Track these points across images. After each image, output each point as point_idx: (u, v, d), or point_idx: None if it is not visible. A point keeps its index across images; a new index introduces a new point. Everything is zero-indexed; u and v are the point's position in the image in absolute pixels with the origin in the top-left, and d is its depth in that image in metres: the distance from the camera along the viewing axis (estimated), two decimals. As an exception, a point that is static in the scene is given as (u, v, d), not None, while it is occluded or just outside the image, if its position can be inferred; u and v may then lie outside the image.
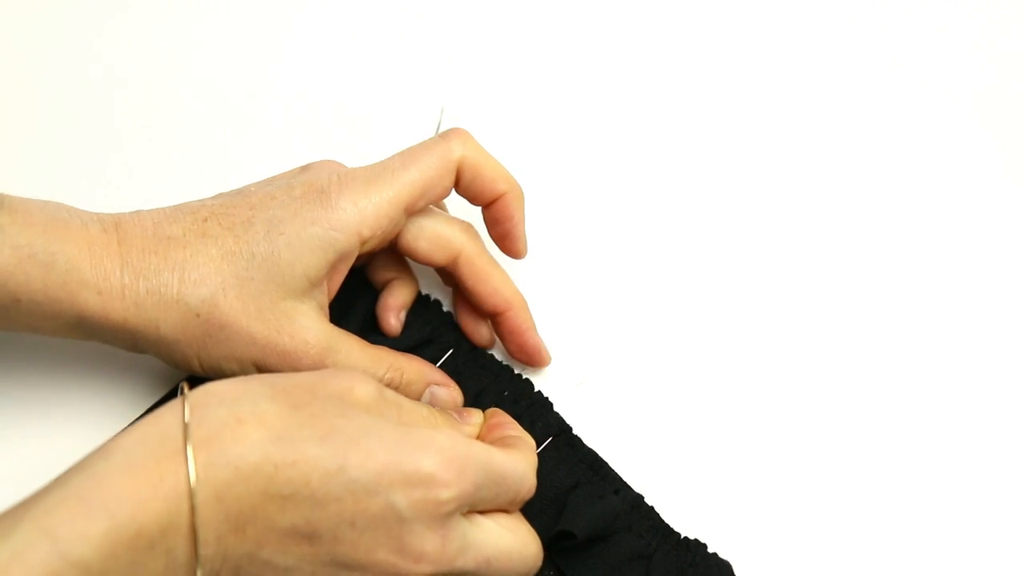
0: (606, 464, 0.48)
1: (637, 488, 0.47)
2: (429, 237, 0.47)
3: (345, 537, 0.38)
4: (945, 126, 0.61)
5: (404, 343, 0.49)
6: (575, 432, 0.49)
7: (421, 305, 0.51)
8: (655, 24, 0.64)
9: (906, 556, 0.47)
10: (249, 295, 0.43)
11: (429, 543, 0.38)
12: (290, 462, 0.36)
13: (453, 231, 0.48)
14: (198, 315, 0.43)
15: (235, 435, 0.36)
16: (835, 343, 0.53)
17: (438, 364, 0.49)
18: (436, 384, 0.48)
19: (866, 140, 0.60)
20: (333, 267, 0.45)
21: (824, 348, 0.53)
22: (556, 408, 0.49)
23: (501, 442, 0.43)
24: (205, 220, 0.44)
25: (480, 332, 0.51)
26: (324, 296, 0.45)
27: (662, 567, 0.45)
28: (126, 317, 0.43)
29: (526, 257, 0.51)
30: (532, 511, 0.46)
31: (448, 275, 0.50)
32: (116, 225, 0.44)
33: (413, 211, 0.46)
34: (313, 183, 0.45)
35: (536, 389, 0.49)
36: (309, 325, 0.44)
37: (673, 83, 0.62)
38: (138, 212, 0.45)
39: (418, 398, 0.47)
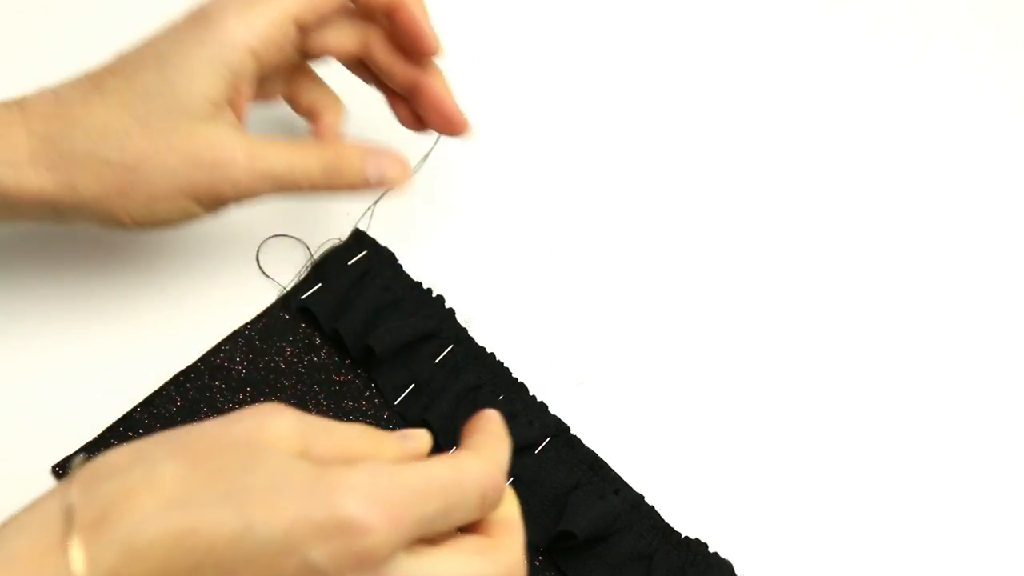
0: (606, 464, 0.48)
1: (637, 488, 0.47)
2: (336, 28, 0.48)
3: None
4: (947, 127, 0.61)
5: (406, 335, 0.49)
6: (575, 432, 0.49)
7: (424, 300, 0.51)
8: (657, 22, 0.64)
9: (906, 556, 0.47)
10: (155, 131, 0.43)
11: None
12: (189, 530, 0.32)
13: (357, 21, 0.48)
14: (110, 163, 0.43)
15: (125, 510, 0.32)
16: (835, 343, 0.53)
17: (438, 359, 0.49)
18: (377, 156, 0.46)
19: (870, 140, 0.61)
20: (233, 87, 0.44)
21: (824, 348, 0.53)
22: (555, 408, 0.49)
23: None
24: (100, 76, 0.44)
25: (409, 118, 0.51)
26: (232, 116, 0.45)
27: (663, 567, 0.45)
28: (42, 186, 0.43)
29: (516, 253, 0.51)
30: (532, 511, 0.46)
31: (365, 70, 0.51)
32: (18, 102, 0.44)
33: (304, 24, 0.46)
34: (195, 11, 0.45)
35: (531, 393, 0.49)
36: (225, 139, 0.44)
37: (677, 81, 0.62)
38: (41, 88, 0.45)
39: (363, 176, 0.46)
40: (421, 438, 0.38)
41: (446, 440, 0.48)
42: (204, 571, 0.32)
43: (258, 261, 0.52)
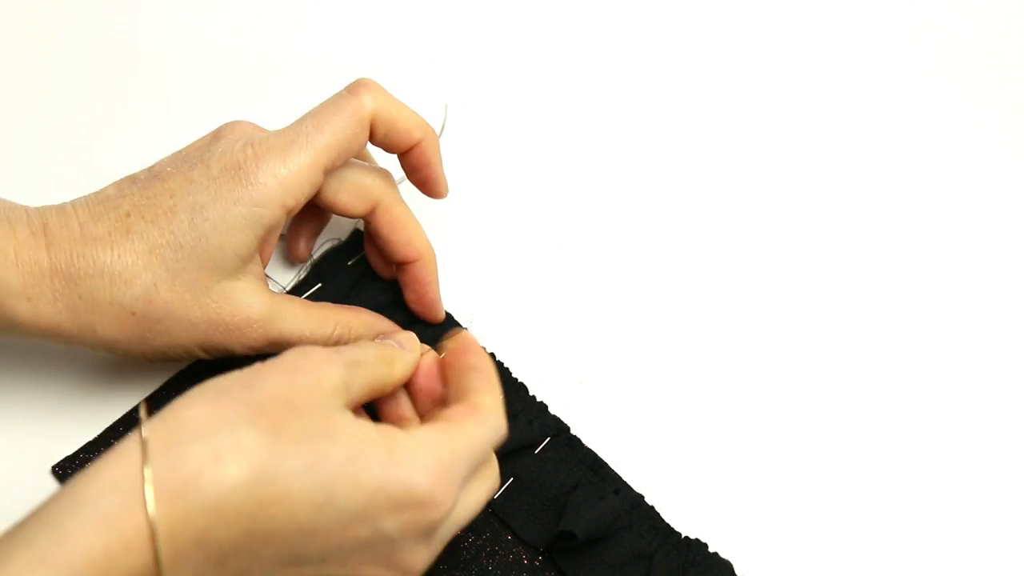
0: (606, 464, 0.48)
1: (637, 488, 0.47)
2: (349, 189, 0.47)
3: (332, 558, 0.37)
4: (946, 126, 0.61)
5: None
6: (575, 432, 0.49)
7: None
8: (657, 20, 0.64)
9: (906, 556, 0.47)
10: (183, 285, 0.43)
11: (418, 556, 0.39)
12: (275, 499, 0.35)
13: (372, 180, 0.48)
14: (133, 313, 0.43)
15: (215, 476, 0.34)
16: (835, 343, 0.53)
17: (438, 359, 0.49)
18: (385, 334, 0.48)
19: (864, 138, 0.61)
20: (263, 240, 0.45)
21: (824, 348, 0.53)
22: (555, 408, 0.49)
23: (464, 395, 0.42)
24: (128, 215, 0.43)
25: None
26: (259, 267, 0.46)
27: (663, 567, 0.45)
28: (59, 322, 0.43)
29: (516, 253, 0.51)
30: (532, 511, 0.46)
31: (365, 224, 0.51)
32: (44, 227, 0.43)
33: (331, 171, 0.46)
34: (229, 160, 0.44)
35: (531, 393, 0.49)
36: (249, 300, 0.45)
37: (677, 86, 0.62)
38: (63, 209, 0.44)
39: None
40: (413, 343, 0.45)
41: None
42: (283, 535, 0.36)
43: (258, 261, 0.52)
